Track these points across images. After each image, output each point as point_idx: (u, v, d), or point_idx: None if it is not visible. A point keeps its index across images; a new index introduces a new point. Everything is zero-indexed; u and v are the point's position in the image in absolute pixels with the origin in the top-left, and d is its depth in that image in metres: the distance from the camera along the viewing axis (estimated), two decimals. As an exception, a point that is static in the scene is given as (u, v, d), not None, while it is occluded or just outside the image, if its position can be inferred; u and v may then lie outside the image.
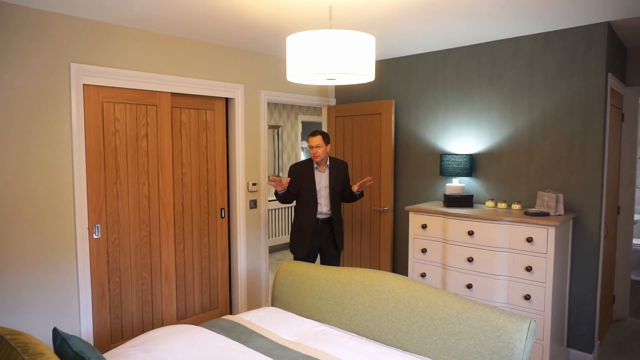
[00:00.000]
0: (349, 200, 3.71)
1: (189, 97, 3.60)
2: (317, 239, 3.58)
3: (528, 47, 3.46)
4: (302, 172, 3.56)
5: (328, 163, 3.59)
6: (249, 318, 2.67)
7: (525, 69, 3.48)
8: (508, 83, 3.58)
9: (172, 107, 3.49)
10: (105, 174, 3.12)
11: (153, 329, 3.18)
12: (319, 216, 3.56)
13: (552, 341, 3.06)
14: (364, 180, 3.50)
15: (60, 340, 1.63)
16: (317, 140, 3.52)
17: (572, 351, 3.38)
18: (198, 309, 3.78)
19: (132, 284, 3.31)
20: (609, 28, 3.17)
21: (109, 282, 3.18)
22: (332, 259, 3.67)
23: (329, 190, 3.57)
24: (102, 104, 3.08)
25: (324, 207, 3.56)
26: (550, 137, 3.40)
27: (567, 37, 3.28)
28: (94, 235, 3.07)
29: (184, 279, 3.66)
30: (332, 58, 1.89)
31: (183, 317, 3.68)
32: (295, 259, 3.62)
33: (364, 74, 1.96)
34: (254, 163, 4.03)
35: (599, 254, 3.27)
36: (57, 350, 1.64)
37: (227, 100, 3.90)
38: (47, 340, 2.81)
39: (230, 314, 4.03)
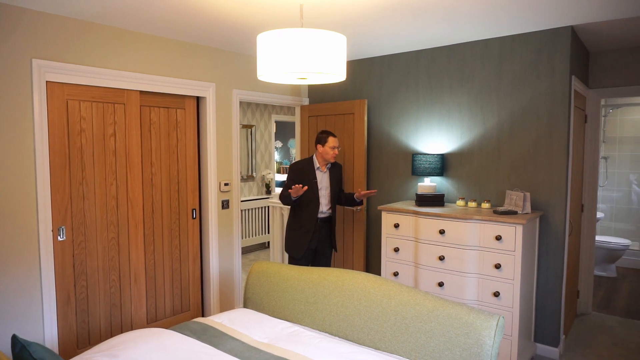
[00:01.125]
0: (346, 203, 3.79)
1: (158, 96, 3.52)
2: (315, 238, 3.59)
3: (497, 49, 3.54)
4: (304, 172, 3.57)
5: (329, 164, 3.64)
6: (220, 320, 2.63)
7: (494, 71, 3.56)
8: (478, 84, 3.65)
9: (141, 106, 3.41)
10: (70, 174, 3.02)
11: (122, 333, 3.10)
12: (319, 215, 3.57)
13: (520, 336, 3.13)
14: (371, 191, 3.63)
15: (19, 347, 1.56)
16: (338, 140, 3.64)
17: (539, 345, 3.47)
18: (169, 312, 3.71)
19: (99, 287, 3.22)
20: (573, 32, 3.27)
21: (75, 286, 3.08)
22: (326, 258, 3.70)
23: (330, 190, 3.61)
24: (67, 101, 2.98)
25: (324, 206, 3.58)
26: (518, 137, 3.48)
27: (533, 40, 3.37)
28: (59, 237, 2.97)
29: (154, 281, 3.58)
30: (302, 57, 1.88)
31: (153, 320, 3.60)
32: (291, 257, 3.63)
33: (335, 73, 1.95)
34: (226, 163, 3.98)
35: (564, 251, 3.37)
36: (16, 358, 1.57)
37: (198, 99, 3.83)
38: (5, 348, 2.69)
39: (202, 316, 3.97)
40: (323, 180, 3.60)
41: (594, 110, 4.13)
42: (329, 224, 3.66)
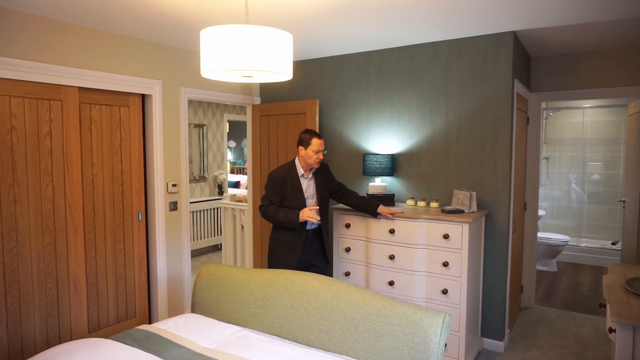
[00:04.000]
0: (362, 210, 3.36)
1: (100, 93, 3.35)
2: (306, 254, 3.18)
3: (445, 51, 3.62)
4: (286, 182, 3.11)
5: (313, 169, 3.20)
6: (165, 327, 2.52)
7: (442, 73, 3.64)
8: (426, 86, 3.72)
9: (80, 103, 3.22)
10: (-1, 175, 2.81)
11: (59, 344, 2.92)
12: (309, 228, 3.16)
13: (468, 332, 3.22)
14: (397, 211, 3.27)
15: None
16: (324, 143, 3.15)
17: (486, 340, 3.58)
18: (113, 320, 3.54)
19: (34, 296, 3.01)
20: (515, 37, 3.40)
21: (5, 296, 2.86)
22: (322, 272, 3.27)
23: (317, 198, 3.19)
24: (-4, 97, 2.77)
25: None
26: (465, 138, 3.58)
27: (479, 44, 3.47)
28: (-13, 244, 2.75)
29: (96, 288, 3.40)
30: (247, 55, 1.83)
31: (96, 329, 3.42)
32: None
33: (281, 72, 1.91)
34: (174, 163, 3.85)
35: (508, 248, 3.49)
36: None
37: (143, 96, 3.68)
38: None
39: (150, 323, 3.81)
40: (309, 188, 3.16)
41: (536, 113, 4.32)
42: (320, 235, 3.24)
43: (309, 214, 2.99)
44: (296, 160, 3.17)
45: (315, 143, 3.07)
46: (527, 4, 2.73)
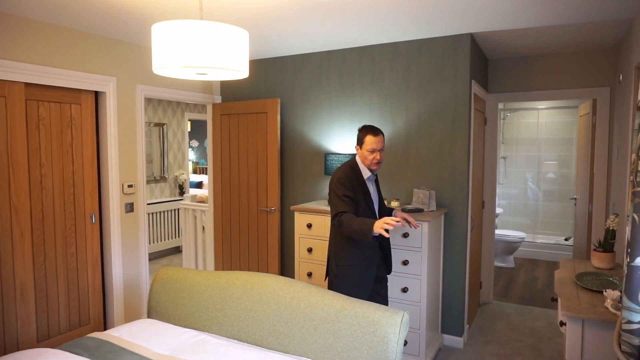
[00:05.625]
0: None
1: (49, 89, 3.18)
2: (375, 267, 2.76)
3: (404, 52, 3.65)
4: (357, 185, 2.63)
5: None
6: (118, 334, 2.42)
7: (402, 73, 3.67)
8: (387, 85, 3.74)
9: (26, 100, 3.06)
10: None
11: (3, 356, 2.75)
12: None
13: (428, 329, 3.26)
14: (411, 220, 2.75)
15: None
16: (382, 141, 2.62)
17: (446, 336, 3.65)
18: (65, 327, 3.38)
19: (-24, 305, 2.84)
20: (472, 39, 3.47)
21: (-57, 305, 2.68)
22: (385, 284, 2.89)
23: (379, 201, 2.82)
24: None
25: None
26: (424, 137, 3.63)
27: (438, 45, 3.52)
28: None
29: (45, 295, 3.23)
30: (200, 51, 1.77)
31: (45, 338, 3.25)
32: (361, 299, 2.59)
33: (236, 69, 1.87)
34: (130, 163, 3.71)
35: (467, 245, 3.57)
36: None
37: (97, 93, 3.53)
38: None
39: (105, 329, 3.67)
40: (374, 192, 2.77)
41: (493, 113, 4.43)
42: (380, 244, 2.80)
43: (384, 224, 2.32)
44: (357, 160, 2.70)
45: (369, 141, 2.59)
46: (483, 7, 2.78)
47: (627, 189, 1.63)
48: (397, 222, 2.30)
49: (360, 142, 2.65)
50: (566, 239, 6.36)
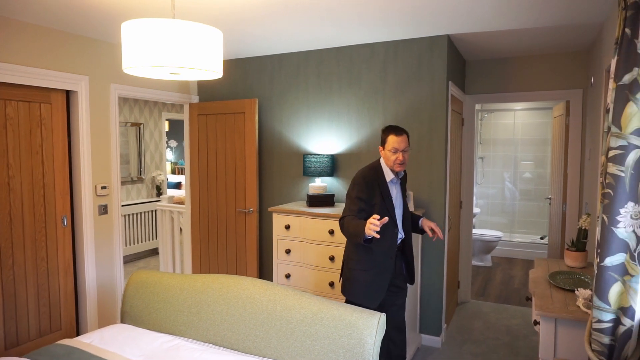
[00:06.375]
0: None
1: (16, 88, 3.08)
2: (390, 274, 2.62)
3: (382, 53, 3.66)
4: (375, 187, 2.53)
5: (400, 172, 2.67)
6: (89, 340, 2.36)
7: (380, 74, 3.68)
8: (365, 86, 3.74)
9: (-7, 99, 2.95)
10: None
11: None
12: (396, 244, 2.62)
13: (407, 329, 3.26)
14: (437, 230, 2.61)
15: None
16: (405, 141, 2.52)
17: (424, 336, 3.67)
18: (34, 334, 3.27)
19: (-61, 312, 2.72)
20: (449, 40, 3.50)
21: None
22: (403, 294, 2.76)
23: (403, 207, 2.69)
24: None
25: (401, 231, 2.65)
26: (385, 139, 3.63)
27: (415, 46, 3.53)
28: None
29: (14, 300, 3.13)
30: (172, 50, 1.73)
31: (14, 345, 3.14)
32: (370, 308, 2.50)
33: (210, 69, 1.83)
34: (104, 164, 3.63)
35: (445, 246, 3.59)
36: None
37: (68, 92, 3.43)
38: None
39: (78, 335, 3.57)
40: (397, 195, 2.63)
41: (470, 114, 4.48)
42: (401, 251, 2.69)
43: (369, 224, 2.22)
44: (381, 161, 2.60)
45: (391, 141, 2.50)
46: (459, 10, 2.80)
47: (598, 190, 1.65)
48: (379, 220, 2.20)
49: (383, 143, 2.56)
50: (542, 238, 6.48)
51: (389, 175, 2.56)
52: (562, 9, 2.81)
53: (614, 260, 1.56)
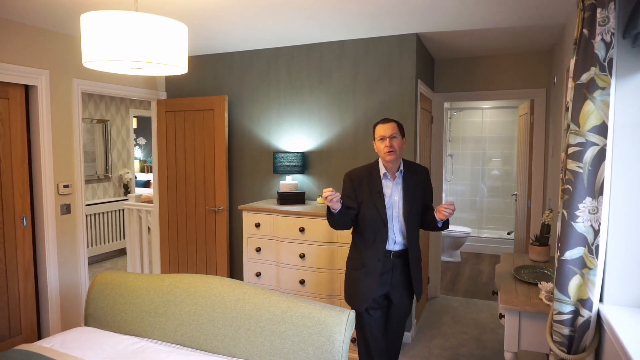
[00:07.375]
0: (429, 227, 2.54)
1: (-30, 82, 2.94)
2: (386, 283, 2.47)
3: (352, 51, 3.66)
4: (363, 183, 2.47)
5: (402, 168, 2.50)
6: (50, 344, 2.28)
7: (350, 72, 3.68)
8: (335, 83, 3.74)
9: (-55, 94, 2.81)
10: None
11: None
12: (389, 248, 2.46)
13: (376, 325, 3.29)
14: (449, 206, 2.33)
15: None
16: (392, 128, 2.40)
17: (394, 332, 3.70)
18: (-8, 339, 3.14)
19: None
20: (418, 39, 3.53)
21: None
22: (404, 310, 2.58)
23: (404, 208, 2.45)
24: None
25: (397, 234, 2.45)
26: (372, 135, 3.65)
27: (384, 44, 3.56)
28: None
29: (-31, 305, 2.99)
30: (134, 44, 1.68)
31: (-30, 351, 3.01)
32: (357, 310, 2.46)
33: (174, 64, 1.79)
34: (67, 162, 3.50)
35: (414, 242, 3.63)
36: None
37: (27, 87, 3.30)
38: None
39: (39, 339, 3.44)
40: (394, 193, 2.46)
41: (439, 112, 4.55)
42: (405, 259, 2.49)
43: (328, 195, 2.23)
44: (379, 159, 2.54)
45: (378, 129, 2.42)
46: (427, 8, 2.83)
47: (559, 186, 1.70)
48: (331, 191, 2.24)
49: (373, 135, 2.50)
50: (508, 233, 6.65)
51: (382, 170, 2.48)
52: (526, 10, 2.88)
53: (573, 254, 1.61)
